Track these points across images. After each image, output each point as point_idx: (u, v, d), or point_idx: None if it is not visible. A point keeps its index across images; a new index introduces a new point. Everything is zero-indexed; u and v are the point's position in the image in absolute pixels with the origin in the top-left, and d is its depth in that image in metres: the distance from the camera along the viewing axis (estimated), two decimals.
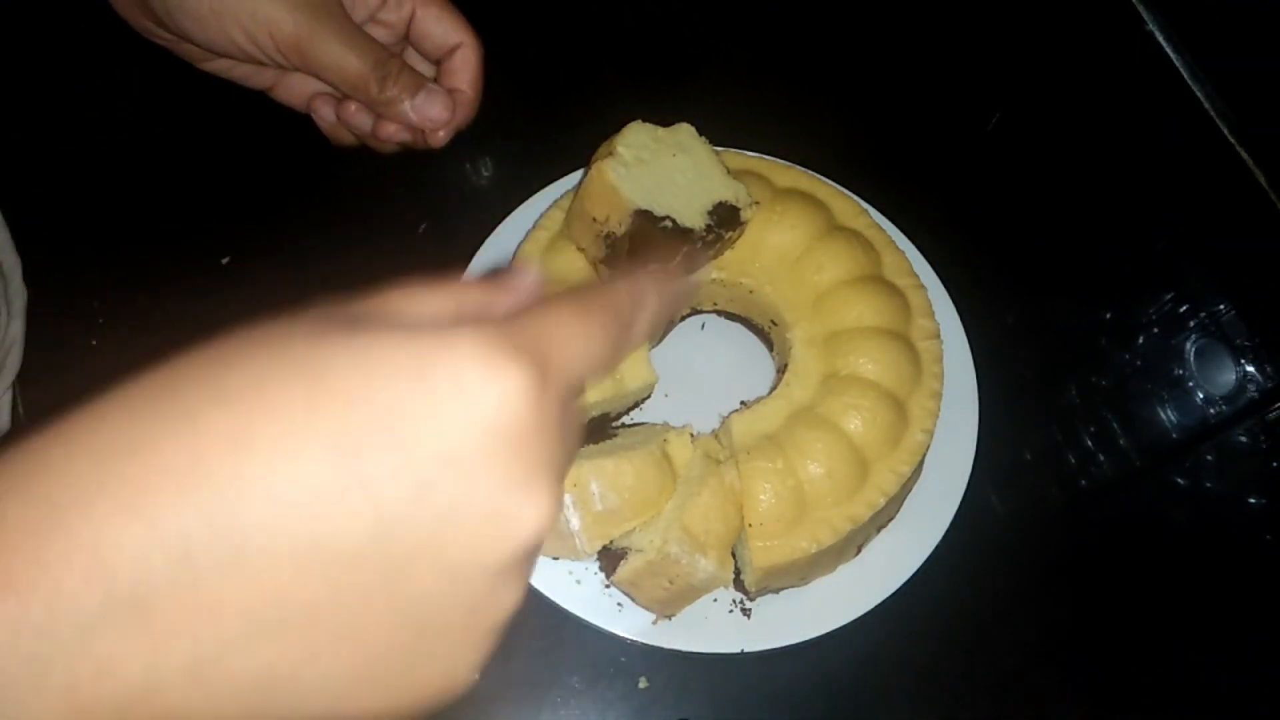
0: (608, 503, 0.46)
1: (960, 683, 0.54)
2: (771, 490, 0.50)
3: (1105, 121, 0.74)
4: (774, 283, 0.57)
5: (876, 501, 0.51)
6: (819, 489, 0.50)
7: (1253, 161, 0.71)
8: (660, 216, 0.51)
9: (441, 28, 0.53)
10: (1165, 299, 0.67)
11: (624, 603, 0.51)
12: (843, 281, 0.56)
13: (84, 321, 0.59)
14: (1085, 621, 0.57)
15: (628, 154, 0.52)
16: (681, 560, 0.46)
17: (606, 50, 0.74)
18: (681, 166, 0.53)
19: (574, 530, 0.46)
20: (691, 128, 0.55)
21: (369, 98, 0.50)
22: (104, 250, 0.61)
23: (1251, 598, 0.58)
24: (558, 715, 0.51)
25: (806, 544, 0.49)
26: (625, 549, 0.48)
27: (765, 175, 0.59)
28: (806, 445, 0.51)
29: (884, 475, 0.52)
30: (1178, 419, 0.63)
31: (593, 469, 0.47)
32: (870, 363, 0.54)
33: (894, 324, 0.55)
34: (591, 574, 0.51)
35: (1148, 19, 0.76)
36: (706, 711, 0.52)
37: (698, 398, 0.57)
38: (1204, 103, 0.73)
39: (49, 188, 0.63)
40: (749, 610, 0.52)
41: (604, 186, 0.50)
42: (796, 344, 0.55)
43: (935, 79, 0.76)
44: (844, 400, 0.52)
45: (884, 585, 0.52)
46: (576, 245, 0.55)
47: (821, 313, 0.56)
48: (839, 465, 0.51)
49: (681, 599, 0.49)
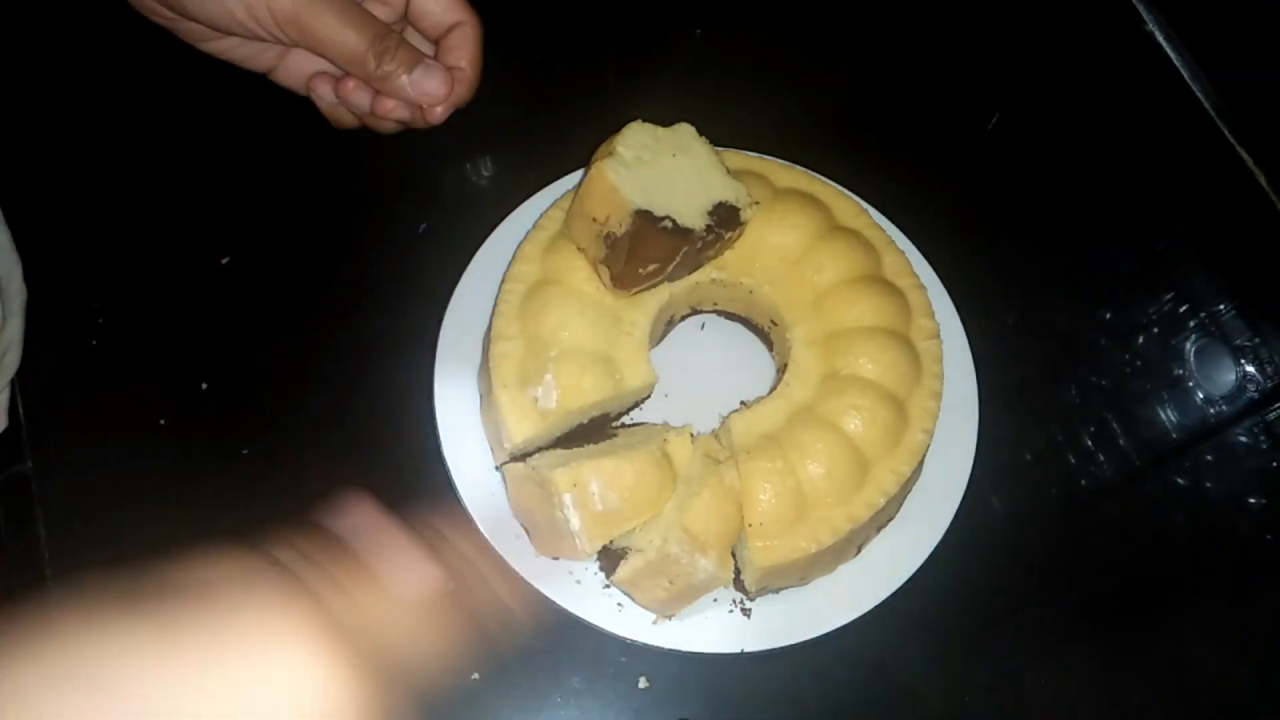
0: (608, 502, 0.46)
1: (960, 683, 0.54)
2: (771, 490, 0.49)
3: (1105, 122, 0.74)
4: (774, 283, 0.57)
5: (876, 501, 0.51)
6: (819, 489, 0.50)
7: (1253, 161, 0.71)
8: (660, 216, 0.51)
9: (440, 5, 0.53)
10: (1165, 299, 0.67)
11: (624, 603, 0.51)
12: (843, 281, 0.56)
13: (84, 321, 0.59)
14: (1085, 621, 0.57)
15: (628, 154, 0.52)
16: (682, 560, 0.46)
17: (608, 49, 0.74)
18: (681, 167, 0.53)
19: (574, 530, 0.46)
20: (692, 128, 0.55)
21: (367, 73, 0.50)
22: (104, 250, 0.62)
23: (1251, 598, 0.58)
24: (557, 715, 0.51)
25: (806, 544, 0.49)
26: (625, 549, 0.48)
27: (765, 175, 0.59)
28: (806, 445, 0.51)
29: (884, 475, 0.52)
30: (1178, 419, 0.63)
31: (593, 469, 0.46)
32: (870, 363, 0.54)
33: (894, 324, 0.55)
34: (591, 574, 0.51)
35: (1148, 19, 0.76)
36: (706, 711, 0.52)
37: (698, 398, 0.57)
38: (1204, 103, 0.73)
39: (49, 187, 0.63)
40: (749, 610, 0.52)
41: (604, 186, 0.50)
42: (796, 344, 0.55)
43: (935, 79, 0.76)
44: (844, 400, 0.52)
45: (884, 585, 0.52)
46: (576, 245, 0.55)
47: (821, 313, 0.56)
48: (839, 465, 0.51)
49: (681, 599, 0.49)
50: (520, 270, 0.55)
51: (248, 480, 0.56)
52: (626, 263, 0.52)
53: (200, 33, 0.52)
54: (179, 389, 0.58)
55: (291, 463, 0.56)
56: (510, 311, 0.53)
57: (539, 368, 0.51)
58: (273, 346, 0.59)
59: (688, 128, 0.55)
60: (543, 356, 0.51)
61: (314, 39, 0.49)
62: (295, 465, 0.56)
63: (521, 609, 0.51)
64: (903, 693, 0.53)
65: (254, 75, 0.57)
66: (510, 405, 0.51)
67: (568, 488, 0.46)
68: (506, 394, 0.51)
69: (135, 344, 0.60)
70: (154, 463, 0.56)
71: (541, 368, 0.51)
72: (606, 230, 0.51)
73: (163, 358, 0.59)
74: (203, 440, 0.57)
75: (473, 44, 0.54)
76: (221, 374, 0.58)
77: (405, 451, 0.54)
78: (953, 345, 0.58)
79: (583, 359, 0.52)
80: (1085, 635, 0.56)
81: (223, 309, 0.61)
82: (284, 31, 0.49)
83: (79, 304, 0.60)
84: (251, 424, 0.57)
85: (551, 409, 0.51)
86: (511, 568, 0.50)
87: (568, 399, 0.51)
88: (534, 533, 0.50)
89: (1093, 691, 0.55)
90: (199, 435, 0.57)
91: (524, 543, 0.51)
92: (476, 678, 0.52)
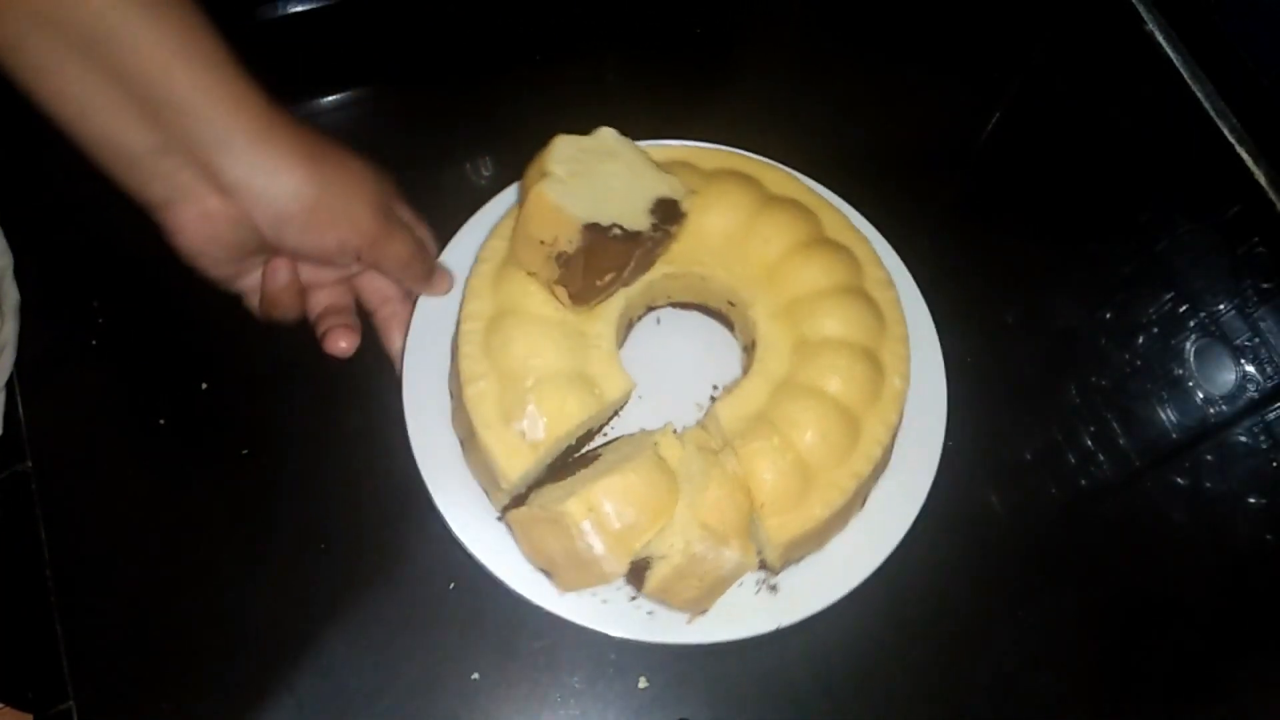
0: (624, 518, 0.46)
1: (959, 683, 0.54)
2: (774, 467, 0.50)
3: (1105, 122, 0.74)
4: (725, 265, 0.57)
5: (874, 453, 0.52)
6: (818, 455, 0.51)
7: (1252, 161, 0.71)
8: (608, 226, 0.50)
9: (376, 284, 0.57)
10: (1165, 299, 0.67)
11: (654, 610, 0.50)
12: (789, 249, 0.57)
13: (84, 321, 0.59)
14: (1085, 621, 0.57)
15: (561, 170, 0.51)
16: (708, 556, 0.46)
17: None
18: (614, 171, 0.53)
19: (599, 555, 0.46)
20: (613, 131, 0.54)
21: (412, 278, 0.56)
22: (104, 250, 0.62)
23: (1252, 597, 0.58)
24: (557, 715, 0.51)
25: (820, 510, 0.50)
26: (648, 559, 0.47)
27: (691, 162, 0.59)
28: (796, 416, 0.51)
29: (875, 427, 0.52)
30: (1178, 419, 0.63)
31: (603, 489, 0.46)
32: (835, 322, 0.54)
33: (848, 280, 0.56)
34: (614, 590, 0.51)
35: (1148, 19, 0.76)
36: (706, 711, 0.52)
37: (670, 393, 0.57)
38: (1204, 102, 0.73)
39: (49, 187, 0.63)
40: (775, 586, 0.52)
41: (546, 208, 0.50)
42: (760, 319, 0.56)
43: (935, 79, 0.76)
44: (820, 364, 0.53)
45: (898, 526, 0.53)
46: (526, 271, 0.54)
47: (776, 284, 0.56)
48: (832, 428, 0.51)
49: (713, 593, 0.49)
50: (474, 308, 0.54)
51: (248, 480, 0.56)
52: (583, 278, 0.51)
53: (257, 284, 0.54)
54: (179, 389, 0.58)
55: (291, 463, 0.56)
56: (475, 352, 0.52)
57: (518, 401, 0.50)
58: (273, 346, 0.59)
59: (610, 131, 0.54)
60: (519, 389, 0.51)
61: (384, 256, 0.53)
62: (295, 465, 0.56)
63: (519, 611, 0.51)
64: (902, 693, 0.53)
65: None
66: (498, 444, 0.50)
67: (584, 515, 0.46)
68: (491, 434, 0.50)
69: (135, 344, 0.60)
70: (154, 463, 0.56)
71: (521, 400, 0.50)
72: (557, 250, 0.50)
73: (163, 358, 0.59)
74: (203, 440, 0.57)
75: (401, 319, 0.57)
76: (221, 374, 0.58)
77: (406, 451, 0.54)
78: (906, 295, 0.59)
79: (560, 382, 0.51)
80: (1085, 635, 0.56)
81: (223, 309, 0.60)
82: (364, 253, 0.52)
83: (79, 304, 0.60)
84: (251, 424, 0.57)
85: (540, 439, 0.50)
86: (548, 611, 0.50)
87: (555, 425, 0.50)
88: (556, 573, 0.49)
89: (1092, 691, 0.55)
90: (199, 435, 0.57)
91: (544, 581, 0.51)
92: (476, 678, 0.52)
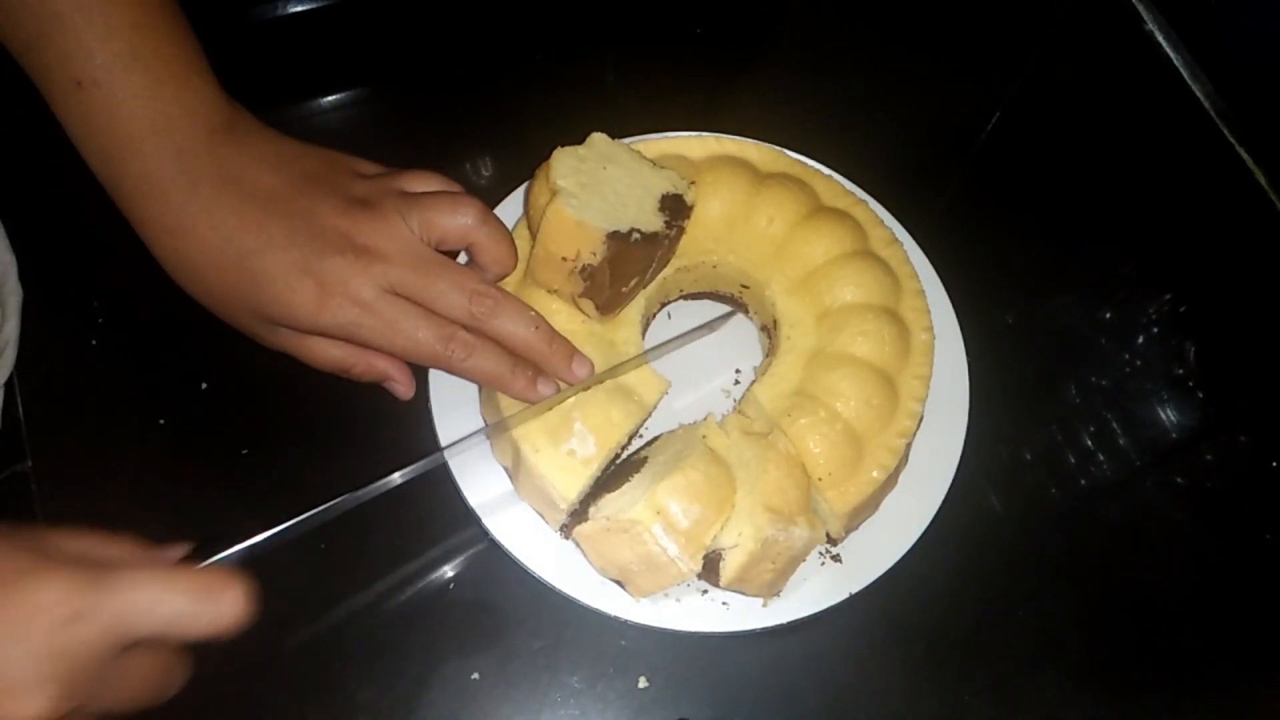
0: (691, 515, 0.46)
1: (959, 683, 0.54)
2: (825, 440, 0.51)
3: (1105, 121, 0.74)
4: (733, 249, 0.57)
5: (916, 410, 0.53)
6: (865, 420, 0.52)
7: (1253, 161, 0.71)
8: (628, 232, 0.50)
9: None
10: (1165, 299, 0.67)
11: (729, 600, 0.51)
12: (794, 224, 0.57)
13: (84, 321, 0.59)
14: (1085, 621, 0.57)
15: (570, 184, 0.51)
16: (779, 538, 0.47)
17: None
18: (616, 176, 0.53)
19: (673, 556, 0.46)
20: (604, 135, 0.54)
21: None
22: (104, 250, 0.61)
23: (1251, 597, 0.58)
24: (557, 715, 0.51)
25: (877, 473, 0.51)
26: (718, 551, 0.48)
27: (682, 153, 0.59)
28: (835, 385, 0.52)
29: (911, 383, 0.54)
30: (1178, 419, 0.63)
31: (665, 491, 0.46)
32: (853, 287, 0.55)
33: (855, 245, 0.57)
34: (684, 589, 0.51)
35: (1148, 19, 0.76)
36: (706, 711, 0.52)
37: (697, 385, 0.58)
38: (1204, 103, 0.73)
39: (49, 186, 0.63)
40: (838, 556, 0.52)
41: (566, 225, 0.50)
42: (778, 297, 0.56)
43: (935, 79, 0.76)
44: (848, 331, 0.54)
45: (943, 476, 0.54)
46: (546, 289, 0.54)
47: (787, 259, 0.57)
48: (873, 392, 0.52)
49: (786, 573, 0.50)
50: None
51: (248, 480, 0.56)
52: (610, 286, 0.51)
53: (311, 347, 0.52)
54: (179, 389, 0.58)
55: (291, 463, 0.56)
56: None
57: (563, 420, 0.50)
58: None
59: (601, 136, 0.54)
60: (563, 408, 0.51)
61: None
62: (295, 465, 0.56)
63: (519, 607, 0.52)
64: (902, 694, 0.53)
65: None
66: (551, 467, 0.50)
67: (653, 518, 0.46)
68: (541, 457, 0.50)
69: (135, 343, 0.60)
70: (154, 463, 0.56)
71: (566, 419, 0.50)
72: (580, 264, 0.50)
73: (163, 357, 0.59)
74: (203, 440, 0.57)
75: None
76: (221, 374, 0.58)
77: (407, 450, 0.53)
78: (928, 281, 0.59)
79: (601, 395, 0.51)
80: (1084, 635, 0.56)
81: None
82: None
83: (79, 304, 0.60)
84: (251, 424, 0.57)
85: (592, 454, 0.50)
86: (629, 620, 0.50)
87: (604, 439, 0.50)
88: (629, 580, 0.49)
89: (1092, 691, 0.55)
90: (199, 435, 0.57)
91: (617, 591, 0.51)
92: (476, 678, 0.52)
